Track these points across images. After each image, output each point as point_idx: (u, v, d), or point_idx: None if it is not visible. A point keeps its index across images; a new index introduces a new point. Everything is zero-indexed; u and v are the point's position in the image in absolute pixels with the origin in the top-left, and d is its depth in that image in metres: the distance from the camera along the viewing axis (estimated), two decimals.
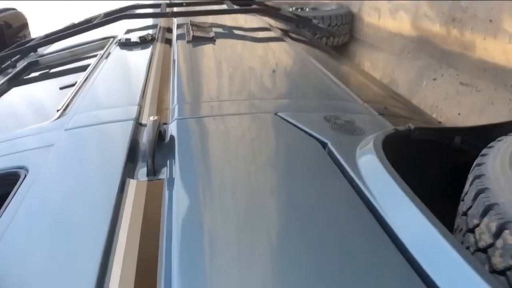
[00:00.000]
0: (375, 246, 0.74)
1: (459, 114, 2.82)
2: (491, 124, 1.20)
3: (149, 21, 2.72)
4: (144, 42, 2.14)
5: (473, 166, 0.86)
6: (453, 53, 2.97)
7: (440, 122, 1.71)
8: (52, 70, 2.29)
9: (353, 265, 0.70)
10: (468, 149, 1.16)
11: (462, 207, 0.83)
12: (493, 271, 0.69)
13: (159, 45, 2.15)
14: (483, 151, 0.89)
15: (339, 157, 0.99)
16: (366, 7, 3.86)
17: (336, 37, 3.68)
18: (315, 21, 3.09)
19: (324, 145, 1.06)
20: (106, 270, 0.71)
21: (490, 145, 0.91)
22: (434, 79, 3.11)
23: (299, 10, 3.71)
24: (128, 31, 2.48)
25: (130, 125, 1.20)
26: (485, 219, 0.72)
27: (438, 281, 0.63)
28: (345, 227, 0.80)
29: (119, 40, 2.21)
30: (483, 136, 1.14)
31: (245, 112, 1.32)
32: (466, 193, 0.82)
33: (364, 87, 1.82)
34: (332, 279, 0.66)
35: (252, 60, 2.01)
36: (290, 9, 3.38)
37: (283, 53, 2.13)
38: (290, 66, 2.00)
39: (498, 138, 0.95)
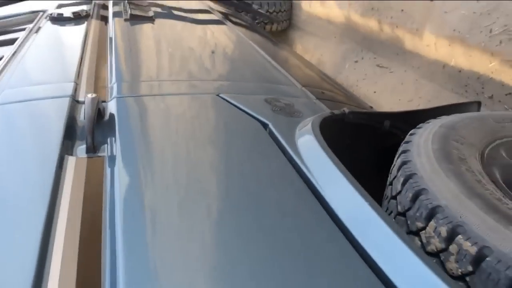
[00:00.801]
0: (314, 222, 0.74)
1: (374, 92, 3.02)
2: (415, 110, 1.29)
3: None
4: (77, 18, 2.00)
5: (399, 164, 0.85)
6: (372, 38, 3.16)
7: (371, 107, 1.81)
8: None
9: (293, 240, 0.70)
10: (396, 132, 1.25)
11: (397, 206, 0.82)
12: (451, 276, 0.68)
13: (94, 22, 2.03)
14: (403, 147, 0.90)
15: (279, 137, 1.01)
16: None
17: (275, 23, 3.72)
18: (255, 6, 3.10)
19: (265, 126, 1.06)
20: (47, 250, 0.65)
21: (406, 139, 0.93)
22: (356, 61, 3.30)
23: None
24: (60, 6, 2.33)
25: (66, 102, 1.12)
26: (432, 223, 0.71)
27: (372, 253, 0.66)
28: (286, 204, 0.79)
29: (50, 14, 2.06)
30: (409, 120, 1.23)
31: (186, 92, 1.28)
32: (399, 193, 0.82)
33: (302, 72, 1.86)
34: (273, 254, 0.66)
35: (192, 42, 1.97)
36: None
37: (223, 36, 2.11)
38: (231, 48, 1.99)
39: (410, 132, 0.97)
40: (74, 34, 1.87)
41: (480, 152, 0.89)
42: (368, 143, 1.25)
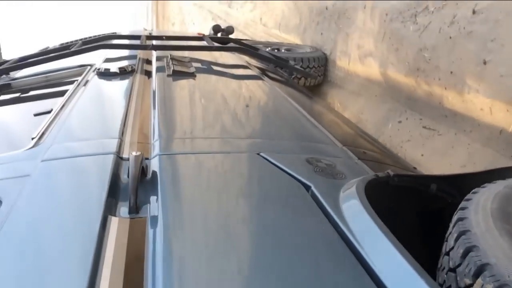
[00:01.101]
0: None
1: (422, 155, 2.94)
2: (464, 174, 1.25)
3: (127, 52, 2.71)
4: (123, 73, 2.12)
5: (455, 220, 0.87)
6: (417, 99, 3.12)
7: (415, 168, 1.77)
8: (25, 95, 2.22)
9: None
10: (443, 196, 1.20)
11: (448, 262, 0.82)
12: None
13: (138, 77, 2.14)
14: (462, 204, 0.91)
15: (322, 200, 1.00)
16: (337, 51, 4.02)
17: (310, 78, 3.79)
18: (291, 62, 3.18)
19: (307, 188, 1.07)
20: None
21: (467, 197, 0.94)
22: (399, 122, 3.25)
23: (275, 50, 3.81)
24: (107, 60, 2.46)
25: (110, 159, 1.17)
26: (479, 280, 0.72)
27: None
28: (330, 271, 0.81)
29: (98, 69, 2.18)
30: (457, 184, 1.19)
31: (227, 151, 1.32)
32: (452, 249, 0.82)
33: (341, 130, 1.86)
34: None
35: (232, 98, 2.03)
36: (267, 49, 3.47)
37: (262, 93, 2.16)
38: (270, 105, 2.04)
39: (473, 190, 0.98)
40: (120, 89, 1.97)
41: None
42: (413, 207, 1.20)
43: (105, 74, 2.13)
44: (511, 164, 2.24)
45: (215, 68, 2.48)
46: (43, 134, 1.43)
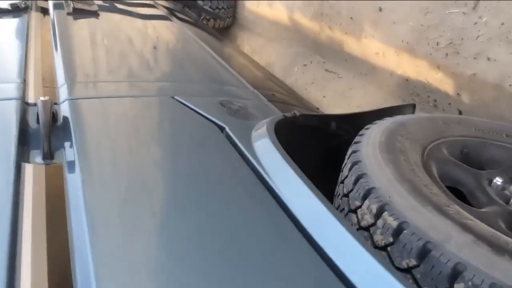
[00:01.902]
0: (271, 219, 0.84)
1: (324, 96, 3.16)
2: (359, 112, 1.40)
3: None
4: (16, 10, 1.92)
5: (350, 152, 1.00)
6: (321, 43, 3.29)
7: (318, 109, 1.91)
8: None
9: (250, 237, 0.78)
10: (341, 132, 1.34)
11: (343, 189, 0.95)
12: (375, 247, 0.81)
13: (34, 15, 1.96)
14: (356, 139, 1.04)
15: (236, 140, 1.07)
16: None
17: (220, 20, 3.74)
18: (200, 2, 3.10)
19: (221, 129, 1.13)
20: (15, 261, 0.67)
21: (361, 132, 1.07)
22: (305, 65, 3.43)
23: None
24: None
25: (15, 105, 1.11)
26: (366, 202, 0.84)
27: (325, 248, 0.75)
28: (245, 203, 0.89)
29: None
30: (353, 122, 1.33)
31: (141, 94, 1.31)
32: (346, 177, 0.95)
33: (252, 74, 1.92)
34: (232, 252, 0.73)
35: (140, 39, 1.96)
36: None
37: (171, 34, 2.12)
38: (179, 47, 2.01)
39: (366, 127, 1.11)
40: (14, 28, 1.81)
41: (423, 147, 1.04)
42: (316, 144, 1.33)
43: None
44: (399, 103, 2.52)
45: (119, 6, 2.34)
46: None
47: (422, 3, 2.35)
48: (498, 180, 0.99)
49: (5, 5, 1.92)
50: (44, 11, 2.07)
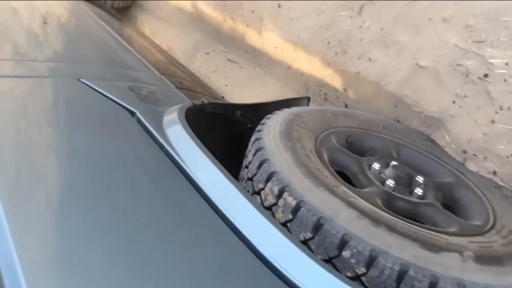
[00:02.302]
0: (186, 201, 0.90)
1: (226, 85, 3.26)
2: (261, 103, 1.51)
3: None
4: None
5: (253, 140, 1.08)
6: (224, 33, 3.37)
7: (223, 97, 1.98)
8: None
9: (166, 219, 0.83)
10: (245, 121, 1.44)
11: (247, 173, 1.03)
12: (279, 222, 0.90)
13: None
14: (259, 127, 1.12)
15: (148, 125, 1.10)
16: None
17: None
18: None
19: (132, 113, 1.14)
20: None
21: (262, 121, 1.16)
22: (207, 53, 3.48)
23: None
24: None
25: None
26: (269, 184, 0.93)
27: (232, 219, 0.84)
28: (160, 186, 0.93)
29: None
30: (255, 111, 1.44)
31: (45, 75, 1.25)
32: (250, 162, 1.02)
33: (157, 59, 1.92)
34: (148, 236, 0.76)
35: (40, 18, 1.82)
36: None
37: (73, 13, 2.00)
38: (80, 27, 1.91)
39: (267, 116, 1.20)
40: None
41: (316, 136, 1.17)
42: (222, 130, 1.40)
43: None
44: (295, 95, 2.71)
45: None
46: None
47: (315, 3, 2.56)
48: (376, 165, 1.16)
49: None
50: None
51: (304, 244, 0.85)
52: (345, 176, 1.12)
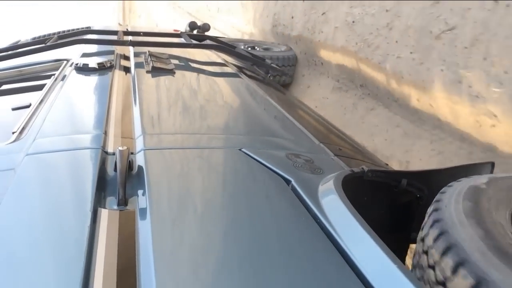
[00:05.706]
0: (339, 279, 0.80)
1: None
2: (431, 170, 1.33)
3: (104, 47, 2.69)
4: (102, 68, 2.11)
5: (431, 211, 0.95)
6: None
7: (387, 164, 1.85)
8: (1, 89, 2.18)
9: None
10: (412, 190, 1.28)
11: (423, 246, 0.90)
12: None
13: (117, 73, 2.14)
14: (437, 197, 0.99)
15: (302, 194, 1.05)
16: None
17: (285, 76, 3.85)
18: (268, 60, 3.23)
19: (288, 182, 1.12)
20: None
21: (442, 190, 1.02)
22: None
23: (249, 48, 3.84)
24: (84, 55, 2.44)
25: (97, 153, 1.18)
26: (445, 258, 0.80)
27: None
28: (313, 261, 0.85)
29: (76, 64, 2.16)
30: (425, 179, 1.27)
31: (210, 146, 1.36)
32: (427, 235, 0.90)
33: (317, 127, 1.92)
34: None
35: (212, 95, 2.06)
36: (243, 47, 3.50)
37: (241, 90, 2.20)
38: (249, 103, 2.08)
39: (449, 184, 1.06)
40: (99, 84, 1.97)
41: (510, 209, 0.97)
42: (384, 200, 1.27)
43: (83, 69, 2.11)
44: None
45: (193, 65, 2.49)
46: (23, 128, 1.42)
47: None
48: None
49: (93, 63, 2.12)
50: (127, 69, 2.25)
51: None
52: None
